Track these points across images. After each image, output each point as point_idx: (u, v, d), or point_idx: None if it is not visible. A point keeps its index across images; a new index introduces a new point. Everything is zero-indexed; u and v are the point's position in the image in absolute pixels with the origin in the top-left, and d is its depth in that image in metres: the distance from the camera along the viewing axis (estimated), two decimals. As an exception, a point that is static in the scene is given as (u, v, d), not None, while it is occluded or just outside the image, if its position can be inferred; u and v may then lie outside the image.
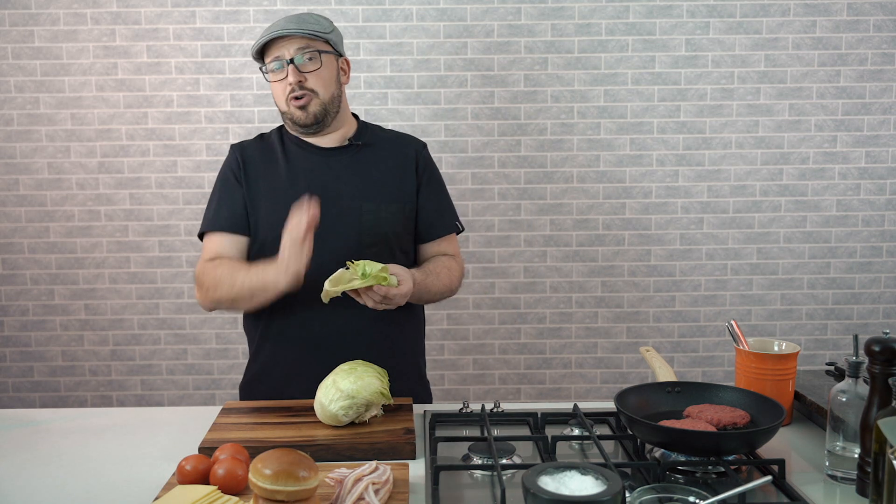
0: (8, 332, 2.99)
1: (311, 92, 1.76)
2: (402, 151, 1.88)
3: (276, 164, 1.82)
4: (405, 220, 1.83)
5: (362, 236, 1.77)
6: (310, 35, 1.74)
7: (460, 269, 1.90)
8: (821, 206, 2.99)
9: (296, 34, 1.73)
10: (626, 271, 3.01)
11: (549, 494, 1.05)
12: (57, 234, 2.95)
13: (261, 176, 1.81)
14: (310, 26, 1.76)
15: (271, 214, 1.75)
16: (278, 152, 1.84)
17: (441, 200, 1.92)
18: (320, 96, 1.77)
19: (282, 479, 1.10)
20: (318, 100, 1.77)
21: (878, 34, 2.90)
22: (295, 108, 1.77)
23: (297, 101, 1.76)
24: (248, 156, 1.84)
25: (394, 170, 1.84)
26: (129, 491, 1.32)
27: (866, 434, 1.24)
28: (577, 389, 3.06)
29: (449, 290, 1.85)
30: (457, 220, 1.94)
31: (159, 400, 3.02)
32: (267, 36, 1.75)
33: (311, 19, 1.79)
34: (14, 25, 2.85)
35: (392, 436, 1.47)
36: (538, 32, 2.89)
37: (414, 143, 1.93)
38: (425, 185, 1.87)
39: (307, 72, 1.75)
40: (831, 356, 3.01)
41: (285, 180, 1.79)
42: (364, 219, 1.77)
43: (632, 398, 1.46)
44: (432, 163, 1.93)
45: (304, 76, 1.75)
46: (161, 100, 2.90)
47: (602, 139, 2.94)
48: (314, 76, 1.76)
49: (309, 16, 1.80)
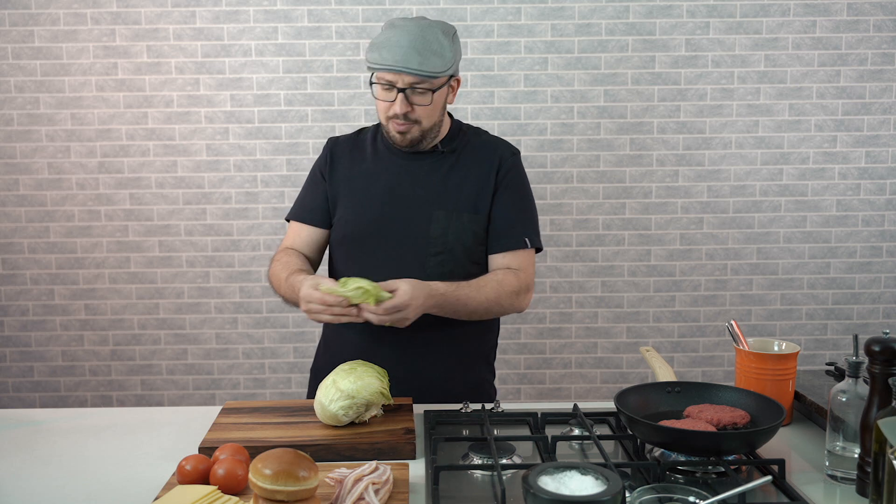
0: (8, 332, 2.99)
1: (415, 122, 1.70)
2: (488, 158, 1.79)
3: (363, 163, 1.82)
4: (476, 230, 1.76)
5: (429, 245, 1.74)
6: (429, 76, 1.65)
7: (518, 285, 1.74)
8: (821, 206, 2.99)
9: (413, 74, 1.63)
10: (626, 271, 3.01)
11: (549, 494, 1.05)
12: (57, 234, 2.95)
13: (345, 173, 1.82)
14: (431, 65, 1.64)
15: (348, 211, 1.79)
16: (368, 150, 1.83)
17: (516, 212, 1.79)
18: (423, 125, 1.71)
19: (282, 479, 1.10)
20: (419, 128, 1.71)
21: (878, 34, 2.90)
22: (394, 131, 1.72)
23: (398, 126, 1.70)
24: (338, 152, 1.85)
25: (474, 178, 1.77)
26: (129, 491, 1.32)
27: (866, 434, 1.24)
28: (577, 389, 3.06)
29: (497, 305, 1.73)
30: (528, 237, 1.79)
31: (159, 400, 3.02)
32: (382, 66, 1.64)
33: (434, 47, 1.65)
34: (14, 25, 2.85)
35: (392, 436, 1.47)
36: (538, 32, 2.89)
37: (503, 149, 1.82)
38: (501, 193, 1.78)
39: (416, 104, 1.68)
40: (831, 356, 3.01)
41: (365, 180, 1.80)
42: (432, 227, 1.74)
43: (632, 398, 1.46)
44: (518, 171, 1.82)
45: (413, 108, 1.68)
46: (161, 100, 2.90)
47: (602, 139, 2.94)
48: (422, 109, 1.69)
49: (433, 41, 1.65)
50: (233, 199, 2.94)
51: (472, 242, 1.77)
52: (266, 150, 2.92)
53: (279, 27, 2.87)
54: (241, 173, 2.93)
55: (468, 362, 1.86)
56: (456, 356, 1.82)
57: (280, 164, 2.93)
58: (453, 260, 1.75)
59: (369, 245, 1.77)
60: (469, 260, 1.78)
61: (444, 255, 1.74)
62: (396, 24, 1.68)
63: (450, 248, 1.74)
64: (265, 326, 3.00)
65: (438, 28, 1.68)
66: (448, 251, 1.74)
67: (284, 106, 2.91)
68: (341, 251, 1.83)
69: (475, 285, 1.70)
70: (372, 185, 1.79)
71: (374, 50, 1.66)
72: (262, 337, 3.00)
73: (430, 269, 1.74)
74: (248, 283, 2.97)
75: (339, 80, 2.89)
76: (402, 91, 1.65)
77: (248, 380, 3.03)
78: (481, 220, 1.77)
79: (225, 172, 2.93)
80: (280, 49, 2.88)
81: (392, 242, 1.75)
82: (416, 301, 1.58)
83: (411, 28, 1.66)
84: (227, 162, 2.92)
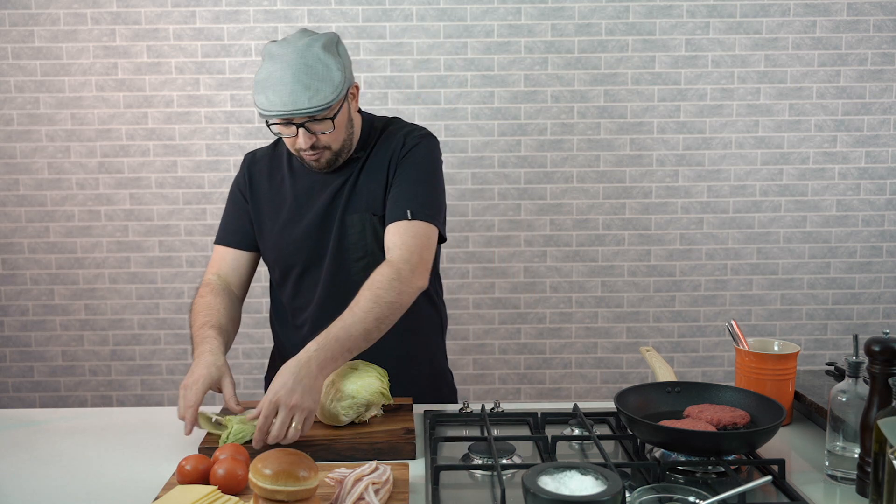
0: (8, 332, 2.99)
1: (323, 149, 1.63)
2: (388, 149, 1.71)
3: (281, 182, 1.77)
4: None
5: (350, 252, 1.71)
6: (323, 108, 1.54)
7: (391, 272, 1.56)
8: (821, 206, 2.99)
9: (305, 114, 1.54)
10: (626, 271, 3.01)
11: (549, 494, 1.05)
12: (57, 234, 2.95)
13: (265, 194, 1.77)
14: (321, 97, 1.53)
15: (272, 234, 1.75)
16: (284, 168, 1.77)
17: (406, 187, 1.67)
18: (333, 149, 1.65)
19: (282, 479, 1.10)
20: (330, 151, 1.65)
21: (878, 34, 2.90)
22: (308, 160, 1.66)
23: (309, 156, 1.64)
24: (256, 171, 1.79)
25: (378, 172, 1.71)
26: (129, 491, 1.32)
27: (866, 434, 1.24)
28: (577, 389, 3.06)
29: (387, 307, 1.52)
30: (410, 209, 1.64)
31: (159, 400, 3.02)
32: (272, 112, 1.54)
33: (320, 73, 1.54)
34: (14, 25, 2.85)
35: (392, 436, 1.47)
36: (538, 32, 2.89)
37: (406, 136, 1.72)
38: (396, 175, 1.69)
39: (319, 133, 1.60)
40: (831, 356, 3.01)
41: (285, 199, 1.75)
42: (349, 233, 1.71)
43: (632, 398, 1.46)
44: (418, 152, 1.70)
45: (317, 137, 1.61)
46: (161, 100, 2.90)
47: (602, 139, 2.94)
48: (326, 136, 1.61)
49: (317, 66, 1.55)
50: (233, 199, 2.94)
51: None
52: (266, 150, 2.92)
53: (279, 27, 2.87)
54: (241, 173, 2.93)
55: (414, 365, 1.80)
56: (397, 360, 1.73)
57: (280, 164, 2.93)
58: (376, 261, 1.65)
59: (298, 265, 1.74)
60: None
61: (366, 259, 1.70)
62: (274, 53, 1.57)
63: (370, 250, 1.70)
64: (265, 326, 3.00)
65: (319, 46, 1.56)
66: (370, 254, 1.70)
67: (284, 106, 2.90)
68: (275, 275, 1.80)
69: (349, 311, 1.51)
70: (291, 204, 1.74)
71: (258, 92, 1.56)
72: (262, 337, 3.00)
73: (356, 275, 1.68)
74: (248, 283, 2.97)
75: (339, 80, 2.89)
76: (301, 126, 1.58)
77: (248, 380, 3.03)
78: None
79: (225, 172, 2.93)
80: (280, 49, 2.88)
81: (318, 258, 1.71)
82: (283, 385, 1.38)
83: (290, 58, 1.54)
84: (227, 162, 2.92)
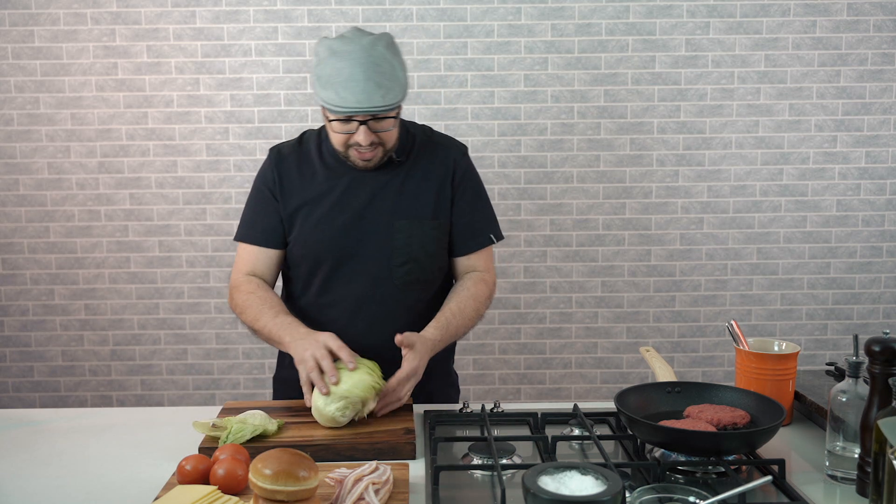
0: (8, 332, 2.99)
1: (379, 146, 1.65)
2: (441, 163, 1.76)
3: (314, 178, 1.75)
4: (438, 236, 1.75)
5: (393, 256, 1.71)
6: (394, 107, 1.60)
7: (489, 290, 1.80)
8: (821, 206, 2.99)
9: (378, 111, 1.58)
10: (626, 271, 3.01)
11: (549, 494, 1.05)
12: (57, 234, 2.95)
13: (297, 191, 1.75)
14: (393, 96, 1.58)
15: (305, 232, 1.74)
16: (316, 163, 1.76)
17: (476, 211, 1.80)
18: (387, 147, 1.67)
19: (282, 479, 1.10)
20: (383, 150, 1.67)
21: (878, 34, 2.90)
22: (358, 159, 1.67)
23: (361, 154, 1.65)
24: (285, 168, 1.77)
25: (431, 184, 1.75)
26: (129, 491, 1.32)
27: (866, 434, 1.24)
28: (577, 389, 3.06)
29: (479, 319, 1.79)
30: (492, 232, 1.82)
31: (159, 400, 3.02)
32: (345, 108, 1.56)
33: (388, 72, 1.58)
34: (14, 25, 2.85)
35: (392, 436, 1.47)
36: (538, 32, 2.89)
37: (453, 150, 1.80)
38: (460, 198, 1.77)
39: (379, 131, 1.63)
40: (831, 356, 3.01)
41: (321, 197, 1.73)
42: (396, 237, 1.71)
43: (632, 398, 1.46)
44: (470, 171, 1.81)
45: (376, 135, 1.63)
46: (161, 100, 2.90)
47: (602, 139, 2.94)
48: (385, 133, 1.64)
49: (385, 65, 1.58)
50: (233, 199, 2.94)
51: (435, 248, 1.75)
52: (266, 150, 2.91)
53: (279, 27, 2.87)
54: (241, 173, 2.93)
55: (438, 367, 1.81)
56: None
57: (280, 164, 2.93)
58: (419, 268, 1.73)
59: (332, 263, 1.73)
60: (434, 266, 1.77)
61: (409, 265, 1.72)
62: (337, 50, 1.58)
63: (414, 256, 1.72)
64: (265, 326, 3.00)
65: (382, 46, 1.60)
66: (413, 260, 1.72)
67: (284, 106, 2.91)
68: (300, 271, 1.78)
69: (458, 312, 1.72)
70: (329, 202, 1.73)
71: (326, 87, 1.57)
72: (262, 337, 3.00)
73: (397, 279, 1.72)
74: (248, 283, 2.97)
75: (339, 80, 2.89)
76: (363, 123, 1.59)
77: (248, 380, 3.03)
78: (442, 226, 1.76)
79: (225, 172, 2.93)
80: (280, 49, 2.88)
81: (356, 258, 1.71)
82: (421, 364, 1.60)
83: (357, 55, 1.56)
84: (227, 162, 2.92)
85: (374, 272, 1.71)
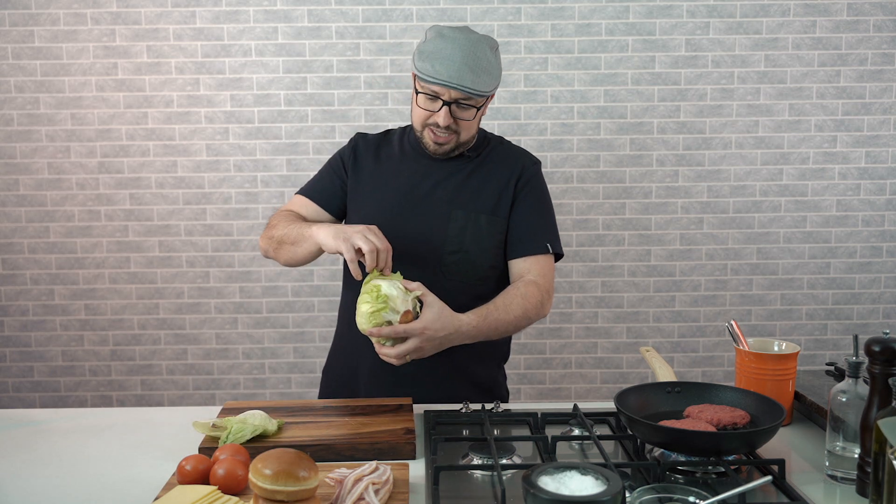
0: (8, 332, 2.99)
1: (455, 134, 1.72)
2: (509, 166, 1.82)
3: (387, 161, 1.84)
4: (493, 232, 1.78)
5: (445, 243, 1.75)
6: (480, 94, 1.67)
7: (541, 295, 1.75)
8: (821, 206, 2.99)
9: (465, 92, 1.65)
10: (626, 271, 3.01)
11: (549, 494, 1.05)
12: (57, 234, 2.95)
13: (368, 169, 1.84)
14: (482, 84, 1.66)
15: (366, 205, 1.81)
16: (395, 148, 1.85)
17: (536, 218, 1.82)
18: (461, 138, 1.74)
19: (282, 479, 1.10)
20: (457, 139, 1.74)
21: (878, 34, 2.90)
22: (431, 140, 1.74)
23: (436, 136, 1.72)
24: (363, 148, 1.86)
25: (494, 182, 1.80)
26: (129, 491, 1.32)
27: (866, 434, 1.24)
28: (577, 389, 3.06)
29: (525, 320, 1.73)
30: (550, 242, 1.81)
31: (159, 400, 3.02)
32: (436, 80, 1.64)
33: (484, 65, 1.66)
34: (14, 25, 2.85)
35: (392, 436, 1.47)
36: (538, 32, 2.89)
37: (524, 159, 1.85)
38: (521, 201, 1.80)
39: (459, 118, 1.70)
40: (831, 356, 3.01)
41: (387, 177, 1.82)
42: (450, 226, 1.75)
43: (632, 398, 1.46)
44: (538, 181, 1.85)
45: (455, 120, 1.70)
46: (161, 100, 2.90)
47: (602, 139, 2.94)
48: (464, 122, 1.71)
49: (483, 58, 1.66)
50: (233, 199, 2.94)
51: (488, 244, 1.77)
52: (266, 150, 2.92)
53: (279, 27, 2.87)
54: (241, 173, 2.93)
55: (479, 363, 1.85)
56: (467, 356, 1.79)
57: (280, 164, 2.93)
58: (469, 260, 1.76)
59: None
60: (485, 262, 1.78)
61: (460, 255, 1.75)
62: (445, 33, 1.67)
63: (466, 248, 1.76)
64: (265, 326, 3.00)
65: (486, 44, 1.69)
66: (464, 251, 1.76)
67: (284, 106, 2.91)
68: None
69: (502, 307, 1.69)
70: (393, 183, 1.80)
71: (425, 60, 1.66)
72: (262, 337, 3.00)
73: (446, 267, 1.75)
74: (248, 284, 2.97)
75: (339, 81, 2.89)
76: (447, 104, 1.67)
77: (248, 380, 3.03)
78: (499, 224, 1.79)
79: (225, 172, 2.93)
80: (280, 49, 2.88)
81: (409, 239, 1.75)
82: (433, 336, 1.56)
83: (462, 42, 1.65)
84: (227, 162, 2.92)
85: (425, 256, 1.74)
